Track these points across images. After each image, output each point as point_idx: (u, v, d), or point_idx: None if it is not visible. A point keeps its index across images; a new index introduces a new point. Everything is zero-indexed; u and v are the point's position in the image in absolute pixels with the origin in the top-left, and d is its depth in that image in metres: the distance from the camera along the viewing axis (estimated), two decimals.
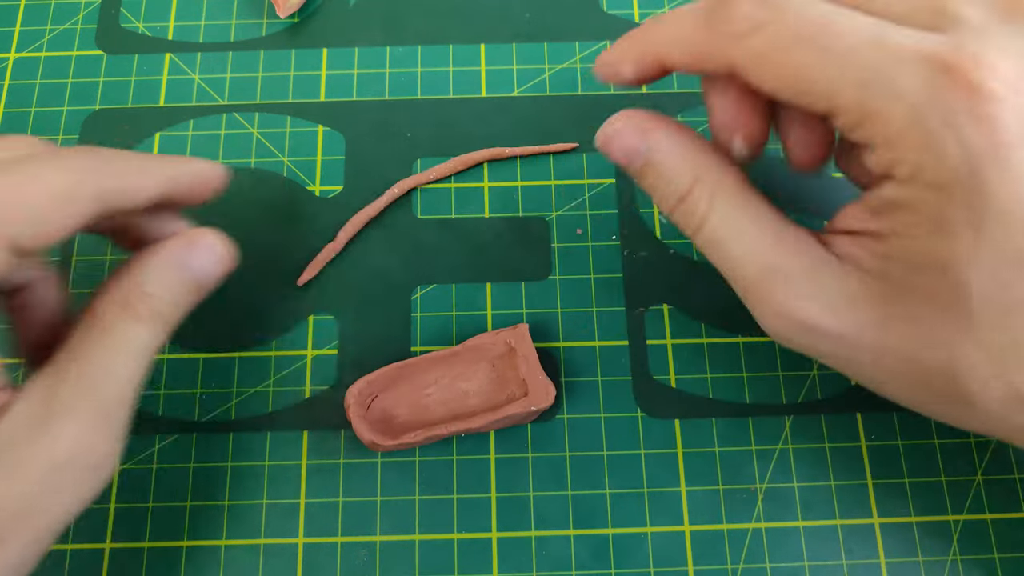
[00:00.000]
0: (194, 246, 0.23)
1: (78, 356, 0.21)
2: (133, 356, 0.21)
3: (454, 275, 0.29)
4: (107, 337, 0.21)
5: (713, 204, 0.22)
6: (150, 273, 0.22)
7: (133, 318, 0.21)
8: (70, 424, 0.20)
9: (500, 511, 0.26)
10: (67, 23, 0.33)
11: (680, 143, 0.22)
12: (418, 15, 0.33)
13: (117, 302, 0.21)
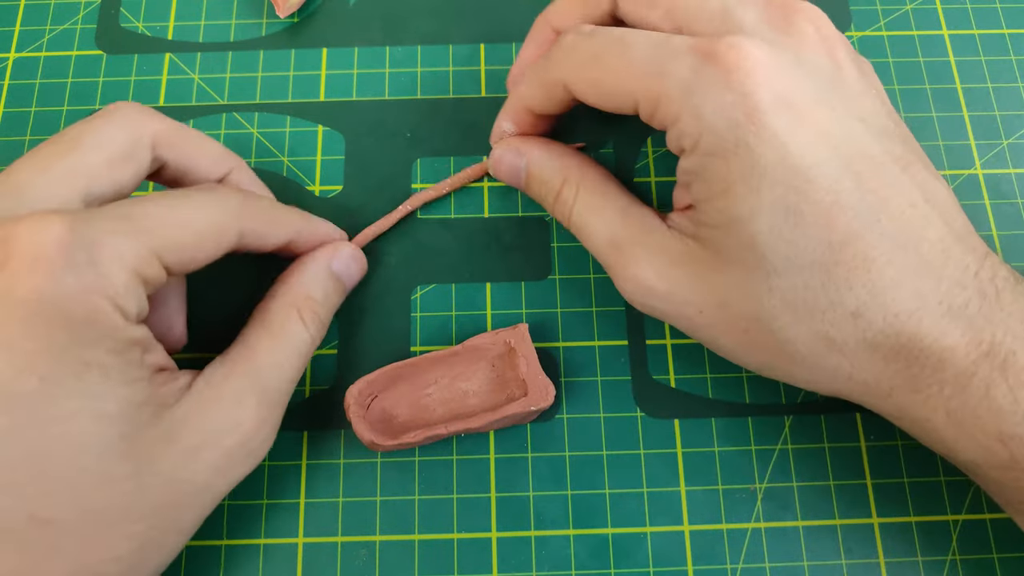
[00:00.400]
0: (340, 254, 0.27)
1: (252, 350, 0.24)
2: (298, 354, 0.24)
3: (454, 275, 0.29)
4: (277, 336, 0.24)
5: (577, 195, 0.26)
6: (312, 281, 0.26)
7: (299, 320, 0.25)
8: (243, 411, 0.22)
9: (500, 511, 0.26)
10: (67, 23, 0.33)
11: (549, 154, 0.27)
12: (418, 15, 0.33)
13: (286, 305, 0.25)
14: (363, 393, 0.26)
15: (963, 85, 0.32)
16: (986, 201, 0.30)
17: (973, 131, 0.31)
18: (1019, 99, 0.32)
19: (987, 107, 0.32)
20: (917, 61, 0.32)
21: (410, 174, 0.31)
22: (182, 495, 0.21)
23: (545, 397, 0.26)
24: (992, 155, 0.31)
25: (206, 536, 0.26)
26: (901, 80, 0.32)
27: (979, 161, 0.31)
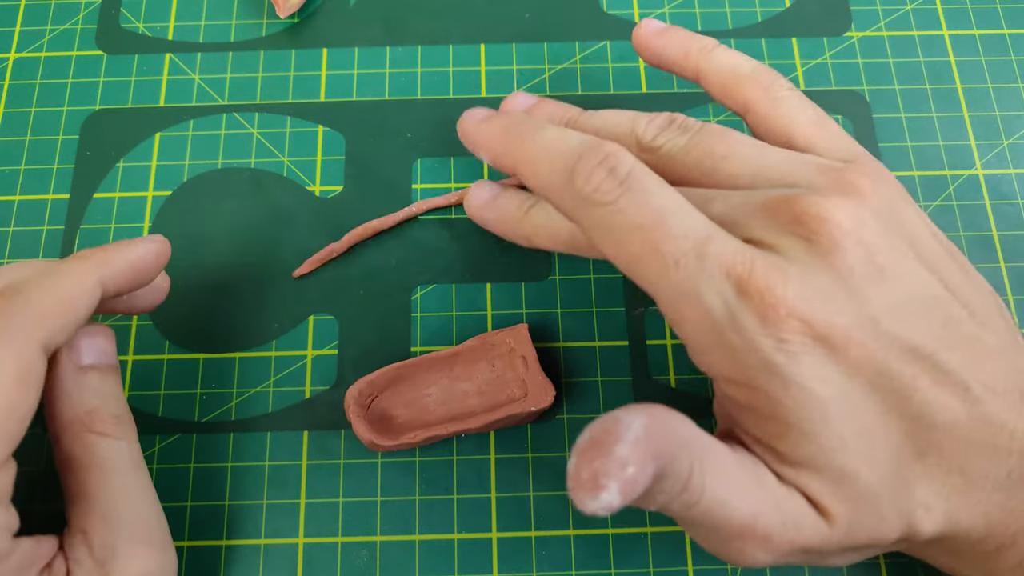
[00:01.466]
0: (77, 349, 0.23)
1: (83, 495, 0.21)
2: (125, 475, 0.22)
3: (454, 275, 0.29)
4: (93, 465, 0.22)
5: (704, 475, 0.19)
6: (72, 391, 0.22)
7: (101, 436, 0.22)
8: (124, 566, 0.21)
9: (500, 511, 0.26)
10: (67, 23, 0.33)
11: (670, 428, 0.20)
12: (418, 15, 0.33)
13: (75, 436, 0.22)
14: (363, 393, 0.26)
15: (963, 85, 0.32)
16: (986, 201, 0.30)
17: (973, 131, 0.31)
18: (1019, 99, 0.32)
19: (987, 107, 0.32)
20: (917, 61, 0.32)
21: (410, 174, 0.31)
22: None
23: (545, 397, 0.26)
24: (992, 155, 0.31)
25: (206, 536, 0.26)
26: (901, 80, 0.32)
27: (979, 161, 0.31)
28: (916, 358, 0.19)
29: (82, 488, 0.21)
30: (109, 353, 0.24)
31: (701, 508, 0.19)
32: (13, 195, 0.30)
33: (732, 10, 0.33)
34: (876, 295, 0.19)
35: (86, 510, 0.21)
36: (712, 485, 0.19)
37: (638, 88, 0.32)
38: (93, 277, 0.22)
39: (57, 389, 0.22)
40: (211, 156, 0.31)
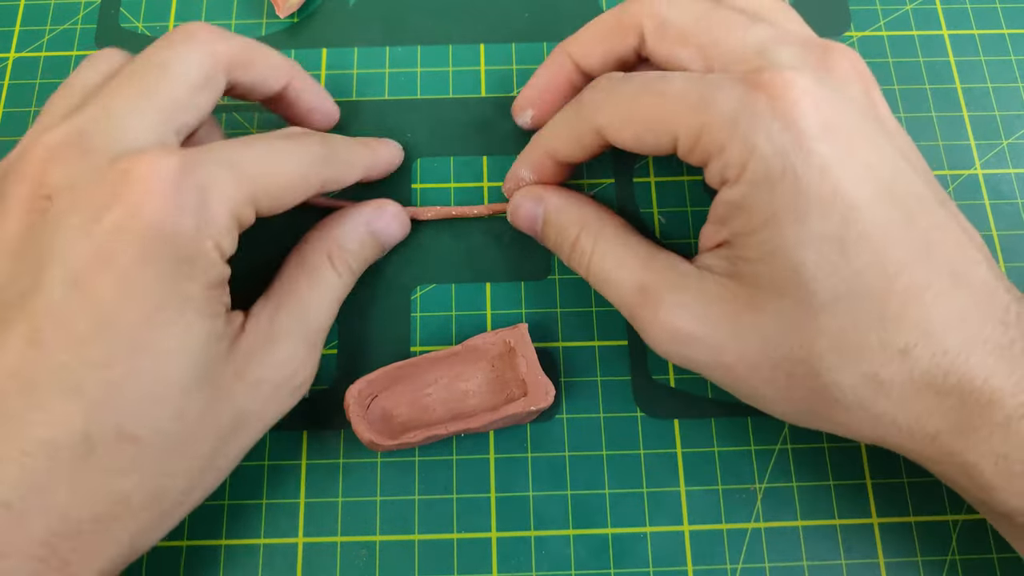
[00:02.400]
0: (382, 212, 0.28)
1: (293, 291, 0.25)
2: (332, 298, 0.26)
3: (454, 275, 0.29)
4: (314, 280, 0.25)
5: (596, 244, 0.25)
6: (347, 232, 0.27)
7: (332, 267, 0.26)
8: (290, 348, 0.24)
9: (500, 511, 0.26)
10: (67, 23, 0.33)
11: (568, 202, 0.27)
12: (418, 15, 0.33)
13: (320, 251, 0.26)
14: (363, 393, 0.26)
15: (963, 85, 0.32)
16: (986, 201, 0.30)
17: (973, 131, 0.31)
18: (1019, 99, 0.32)
19: (987, 107, 0.32)
20: (917, 61, 0.32)
21: (410, 174, 0.31)
22: (242, 424, 0.23)
23: (545, 397, 0.26)
24: (992, 155, 0.31)
25: (206, 536, 0.26)
26: (901, 80, 0.32)
27: (979, 161, 0.31)
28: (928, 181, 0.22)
29: (294, 284, 0.25)
30: (391, 238, 0.28)
31: (592, 272, 0.25)
32: None
33: None
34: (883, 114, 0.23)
35: (288, 292, 0.25)
36: (599, 256, 0.25)
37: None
38: (316, 177, 0.25)
39: (341, 219, 0.27)
40: None
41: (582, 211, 0.26)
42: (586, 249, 0.26)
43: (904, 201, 0.21)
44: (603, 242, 0.25)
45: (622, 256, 0.25)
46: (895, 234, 0.21)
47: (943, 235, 0.21)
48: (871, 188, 0.21)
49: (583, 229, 0.26)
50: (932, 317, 0.20)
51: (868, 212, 0.20)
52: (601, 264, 0.25)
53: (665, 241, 0.30)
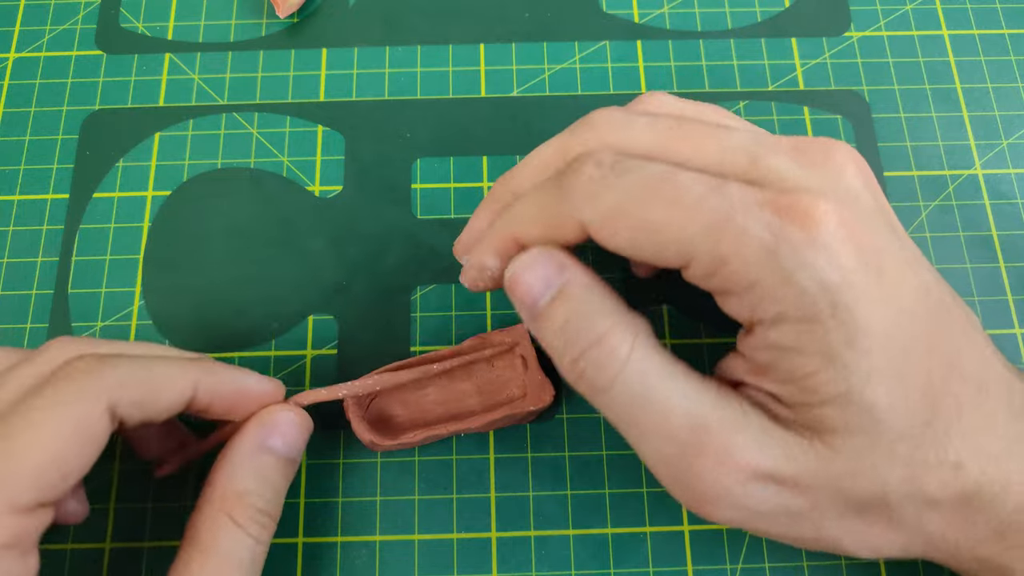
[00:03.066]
0: (273, 424, 0.23)
1: (186, 573, 0.20)
2: (240, 567, 0.21)
3: (454, 275, 0.29)
4: (208, 553, 0.20)
5: (635, 347, 0.20)
6: (238, 471, 0.22)
7: (231, 525, 0.21)
8: None
9: (499, 511, 0.26)
10: (67, 23, 0.33)
11: (597, 282, 0.21)
12: (418, 15, 0.33)
13: (213, 512, 0.21)
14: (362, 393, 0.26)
15: (963, 85, 0.32)
16: (986, 201, 0.30)
17: (973, 131, 0.31)
18: (1019, 99, 0.32)
19: (987, 107, 0.32)
20: (917, 61, 0.32)
21: (410, 174, 0.31)
22: None
23: (544, 397, 0.26)
24: (992, 155, 0.31)
25: None
26: (901, 80, 0.32)
27: (979, 161, 0.31)
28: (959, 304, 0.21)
29: (184, 565, 0.20)
30: (295, 447, 0.23)
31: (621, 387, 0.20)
32: (13, 195, 0.30)
33: (732, 10, 0.33)
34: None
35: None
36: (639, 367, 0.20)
37: (637, 88, 0.32)
38: (192, 375, 0.22)
39: (225, 458, 0.22)
40: (211, 156, 0.31)
41: (616, 300, 0.21)
42: (621, 352, 0.20)
43: (934, 311, 0.20)
44: (644, 348, 0.20)
45: (672, 372, 0.20)
46: (935, 351, 0.20)
47: (962, 334, 0.21)
48: (908, 309, 0.20)
49: (616, 324, 0.20)
50: (974, 429, 0.20)
51: (915, 337, 0.19)
52: (643, 377, 0.20)
53: None
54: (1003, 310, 0.29)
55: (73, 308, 0.29)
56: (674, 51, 0.33)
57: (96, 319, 0.29)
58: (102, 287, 0.29)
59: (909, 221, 0.30)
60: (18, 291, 0.29)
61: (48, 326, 0.29)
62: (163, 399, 0.21)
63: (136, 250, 0.30)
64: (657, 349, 0.20)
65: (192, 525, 0.21)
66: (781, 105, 0.32)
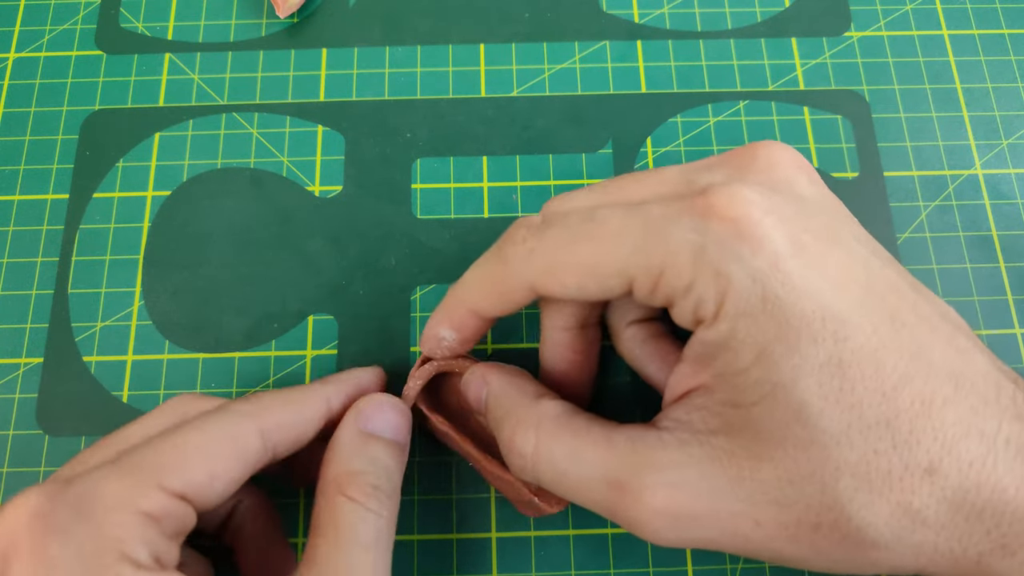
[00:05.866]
0: (363, 413, 0.23)
1: (313, 565, 0.20)
2: (365, 545, 0.20)
3: (454, 275, 0.29)
4: (330, 535, 0.20)
5: (539, 441, 0.21)
6: (342, 455, 0.22)
7: (348, 503, 0.21)
8: None
9: (500, 511, 0.26)
10: (67, 23, 0.33)
11: (505, 385, 0.23)
12: (418, 15, 0.33)
13: (327, 495, 0.21)
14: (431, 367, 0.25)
15: (963, 85, 0.32)
16: (986, 201, 0.30)
17: (973, 131, 0.31)
18: (1019, 99, 0.32)
19: (987, 107, 0.32)
20: (917, 61, 0.32)
21: (410, 174, 0.31)
22: None
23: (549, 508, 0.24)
24: (992, 155, 0.31)
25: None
26: (901, 80, 0.32)
27: (979, 161, 0.31)
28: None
29: (312, 552, 0.20)
30: (396, 428, 0.23)
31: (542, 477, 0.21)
32: (13, 195, 0.30)
33: (732, 10, 0.33)
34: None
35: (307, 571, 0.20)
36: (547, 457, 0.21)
37: (637, 88, 0.32)
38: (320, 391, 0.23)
39: (330, 448, 0.22)
40: (211, 156, 0.31)
41: (518, 399, 0.22)
42: (525, 449, 0.21)
43: (884, 299, 0.19)
44: (545, 436, 0.21)
45: (573, 447, 0.21)
46: (887, 342, 0.19)
47: (929, 328, 0.19)
48: (852, 295, 0.19)
49: (518, 424, 0.22)
50: (947, 429, 0.18)
51: (856, 324, 0.18)
52: (549, 462, 0.21)
53: None
54: (1003, 310, 0.29)
55: (73, 308, 0.29)
56: (674, 51, 0.33)
57: (96, 319, 0.29)
58: (102, 287, 0.29)
59: (909, 221, 0.30)
60: (18, 291, 0.29)
61: (48, 326, 0.29)
62: (306, 416, 0.22)
63: (136, 250, 0.30)
64: (561, 431, 0.21)
65: (313, 515, 0.21)
66: (781, 105, 0.32)
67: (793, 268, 0.19)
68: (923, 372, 0.18)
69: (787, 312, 0.18)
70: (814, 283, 0.19)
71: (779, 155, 0.21)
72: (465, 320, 0.24)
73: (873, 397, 0.18)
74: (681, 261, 0.19)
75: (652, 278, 0.20)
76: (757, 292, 0.18)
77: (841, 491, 0.18)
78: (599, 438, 0.21)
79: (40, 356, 0.28)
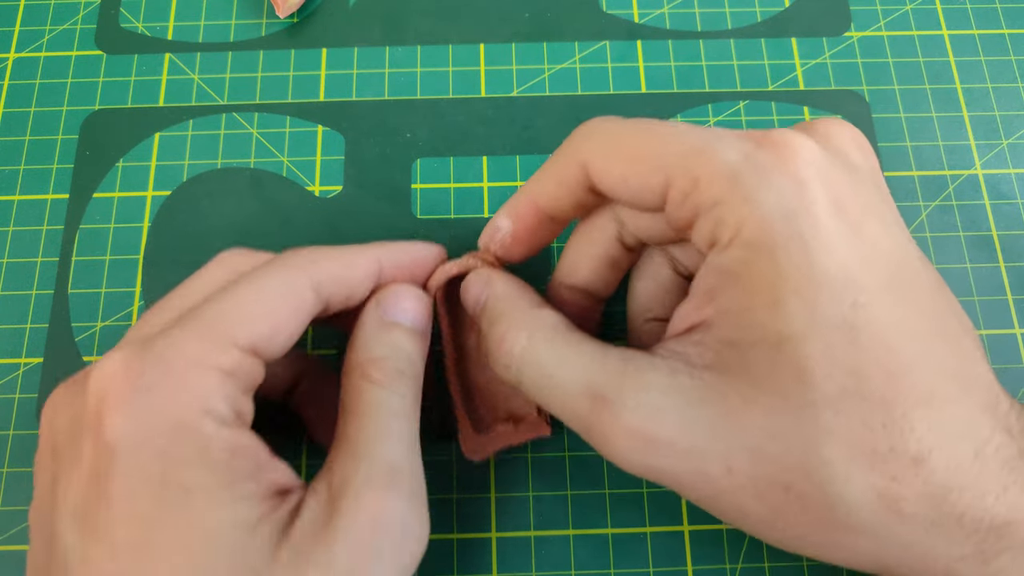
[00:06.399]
0: (384, 301, 0.23)
1: (345, 439, 0.21)
2: (388, 420, 0.21)
3: None
4: (357, 412, 0.21)
5: (530, 340, 0.21)
6: (364, 342, 0.22)
7: (369, 384, 0.21)
8: (378, 507, 0.19)
9: (500, 511, 0.26)
10: (67, 23, 0.33)
11: (509, 291, 0.23)
12: (418, 15, 0.33)
13: (350, 377, 0.22)
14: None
15: (963, 85, 0.32)
16: (986, 201, 0.30)
17: (973, 131, 0.31)
18: (1019, 99, 0.32)
19: (987, 107, 0.32)
20: (917, 61, 0.32)
21: (410, 174, 0.31)
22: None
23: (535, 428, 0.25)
24: (992, 155, 0.31)
25: None
26: (901, 80, 0.32)
27: (979, 161, 0.31)
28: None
29: (341, 432, 0.21)
30: (415, 316, 0.23)
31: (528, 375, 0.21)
32: (13, 195, 0.30)
33: (732, 10, 0.33)
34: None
35: (338, 449, 0.21)
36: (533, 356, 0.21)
37: (637, 88, 0.32)
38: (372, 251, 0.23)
39: (355, 337, 0.23)
40: (210, 156, 0.31)
41: (518, 303, 0.23)
42: (513, 348, 0.21)
43: (911, 288, 0.19)
44: (539, 339, 0.21)
45: (564, 354, 0.21)
46: (903, 327, 0.18)
47: (945, 328, 0.19)
48: (880, 272, 0.18)
49: (512, 324, 0.22)
50: (942, 426, 0.18)
51: (877, 299, 0.18)
52: (536, 364, 0.21)
53: None
54: (1003, 310, 0.29)
55: (73, 308, 0.29)
56: (674, 51, 0.33)
57: (96, 319, 0.29)
58: (102, 287, 0.29)
59: (909, 221, 0.30)
60: (18, 291, 0.29)
61: (48, 326, 0.29)
62: (357, 273, 0.22)
63: (136, 250, 0.30)
64: (555, 337, 0.21)
65: (341, 391, 0.22)
66: (781, 105, 0.32)
67: (827, 223, 0.18)
68: (931, 365, 0.18)
69: (811, 261, 0.18)
70: (844, 244, 0.18)
71: (839, 127, 0.21)
72: (523, 211, 0.24)
73: (877, 372, 0.18)
74: (719, 173, 0.19)
75: (688, 184, 0.19)
76: (783, 228, 0.18)
77: (823, 457, 0.18)
78: (592, 350, 0.21)
79: (40, 356, 0.28)
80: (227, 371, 0.19)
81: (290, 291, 0.21)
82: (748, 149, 0.19)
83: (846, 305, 0.18)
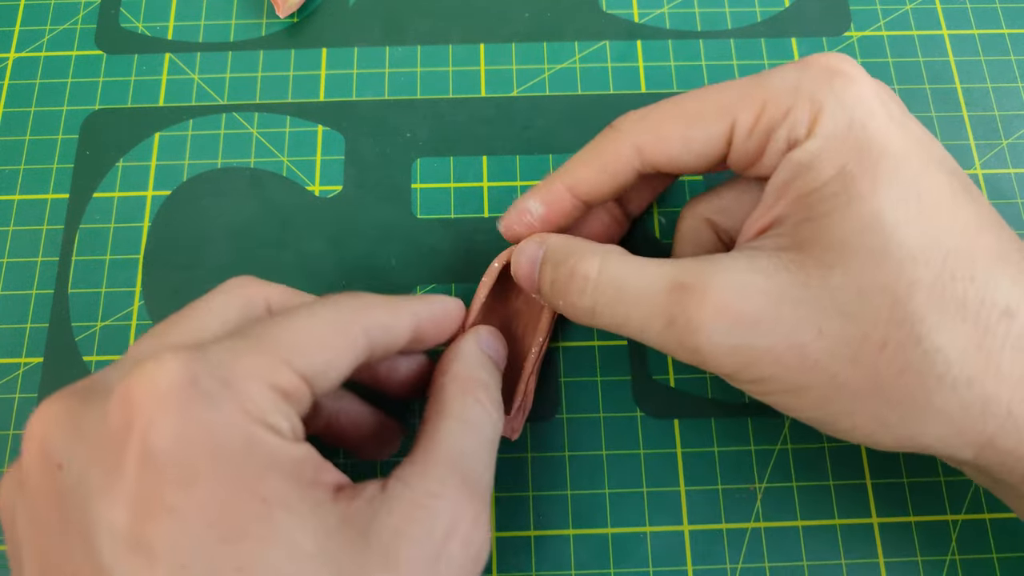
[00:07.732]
0: (482, 336, 0.24)
1: (440, 440, 0.21)
2: (486, 439, 0.21)
3: (454, 275, 0.29)
4: (461, 421, 0.21)
5: (604, 263, 0.22)
6: (471, 363, 0.23)
7: (477, 403, 0.22)
8: (455, 507, 0.19)
9: (500, 511, 0.26)
10: (67, 23, 0.33)
11: (568, 236, 0.24)
12: (418, 15, 0.33)
13: (459, 391, 0.22)
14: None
15: (963, 85, 0.32)
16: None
17: (973, 131, 0.31)
18: (1019, 99, 0.32)
19: (987, 107, 0.32)
20: (917, 61, 0.32)
21: (410, 174, 0.31)
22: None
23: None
24: (992, 155, 0.31)
25: None
26: (901, 80, 0.32)
27: (979, 161, 0.31)
28: None
29: (435, 432, 0.21)
30: (500, 357, 0.24)
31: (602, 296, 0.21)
32: (13, 195, 0.30)
33: (732, 10, 0.33)
34: None
35: (430, 448, 0.20)
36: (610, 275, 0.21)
37: (637, 88, 0.32)
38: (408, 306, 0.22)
39: (456, 351, 0.23)
40: (211, 156, 0.31)
41: (580, 242, 0.23)
42: (590, 272, 0.22)
43: (954, 173, 0.20)
44: (612, 260, 0.22)
45: (639, 264, 0.22)
46: (961, 201, 0.19)
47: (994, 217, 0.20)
48: (930, 156, 0.20)
49: (583, 255, 0.22)
50: (1021, 283, 0.18)
51: (934, 175, 0.19)
52: (613, 280, 0.21)
53: (666, 241, 0.30)
54: None
55: (73, 308, 0.29)
56: (674, 51, 0.33)
57: (96, 319, 0.29)
58: (102, 287, 0.29)
59: None
60: (18, 291, 0.29)
61: (48, 326, 0.29)
62: (403, 323, 0.22)
63: (136, 250, 0.30)
64: (628, 258, 0.22)
65: (438, 401, 0.22)
66: None
67: (879, 111, 0.20)
68: (995, 232, 0.19)
69: (871, 139, 0.19)
70: (897, 130, 0.20)
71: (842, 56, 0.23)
72: (557, 196, 0.24)
73: (952, 226, 0.18)
74: (782, 91, 0.21)
75: (755, 112, 0.21)
76: (845, 118, 0.20)
77: (914, 308, 0.17)
78: (664, 260, 0.21)
79: (40, 356, 0.28)
80: (282, 390, 0.18)
81: (345, 329, 0.20)
82: (797, 67, 0.21)
83: (907, 174, 0.19)
